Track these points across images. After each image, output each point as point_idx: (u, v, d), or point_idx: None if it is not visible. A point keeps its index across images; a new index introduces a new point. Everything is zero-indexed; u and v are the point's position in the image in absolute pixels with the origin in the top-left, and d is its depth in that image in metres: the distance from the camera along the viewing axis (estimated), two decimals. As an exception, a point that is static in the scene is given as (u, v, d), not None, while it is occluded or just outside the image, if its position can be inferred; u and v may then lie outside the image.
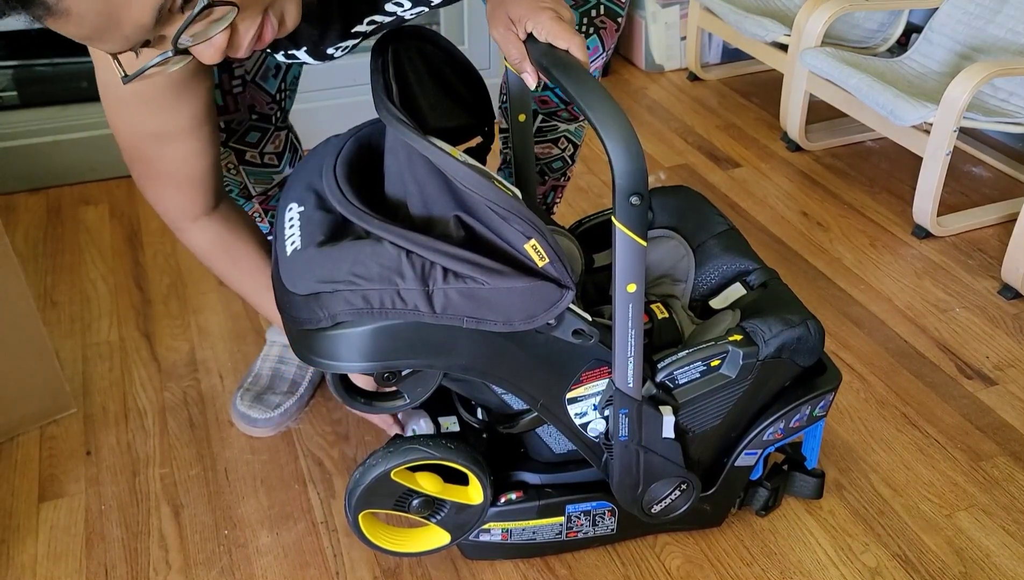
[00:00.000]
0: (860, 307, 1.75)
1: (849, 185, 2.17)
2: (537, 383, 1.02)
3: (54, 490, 1.35)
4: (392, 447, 1.08)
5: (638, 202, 0.85)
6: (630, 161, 0.83)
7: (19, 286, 1.34)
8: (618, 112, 0.84)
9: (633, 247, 0.89)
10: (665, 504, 1.16)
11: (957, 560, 1.25)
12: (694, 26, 2.63)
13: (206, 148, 1.09)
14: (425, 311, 0.90)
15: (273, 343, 1.54)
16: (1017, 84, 1.95)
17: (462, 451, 1.09)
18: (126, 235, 1.94)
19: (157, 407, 1.50)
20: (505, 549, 1.21)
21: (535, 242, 0.89)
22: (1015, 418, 1.49)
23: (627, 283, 0.92)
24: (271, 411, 1.44)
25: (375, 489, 1.08)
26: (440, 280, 0.89)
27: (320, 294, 0.92)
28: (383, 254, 0.90)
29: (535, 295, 0.91)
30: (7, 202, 2.05)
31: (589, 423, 1.08)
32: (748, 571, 1.23)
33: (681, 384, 1.07)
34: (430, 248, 0.89)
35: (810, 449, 1.26)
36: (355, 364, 0.94)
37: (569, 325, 0.96)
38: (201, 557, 1.25)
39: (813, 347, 1.11)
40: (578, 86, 0.87)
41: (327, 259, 0.92)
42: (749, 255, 1.23)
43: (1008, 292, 1.78)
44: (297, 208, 1.01)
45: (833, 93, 2.14)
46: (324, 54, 1.07)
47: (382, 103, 0.98)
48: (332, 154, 1.03)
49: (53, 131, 2.07)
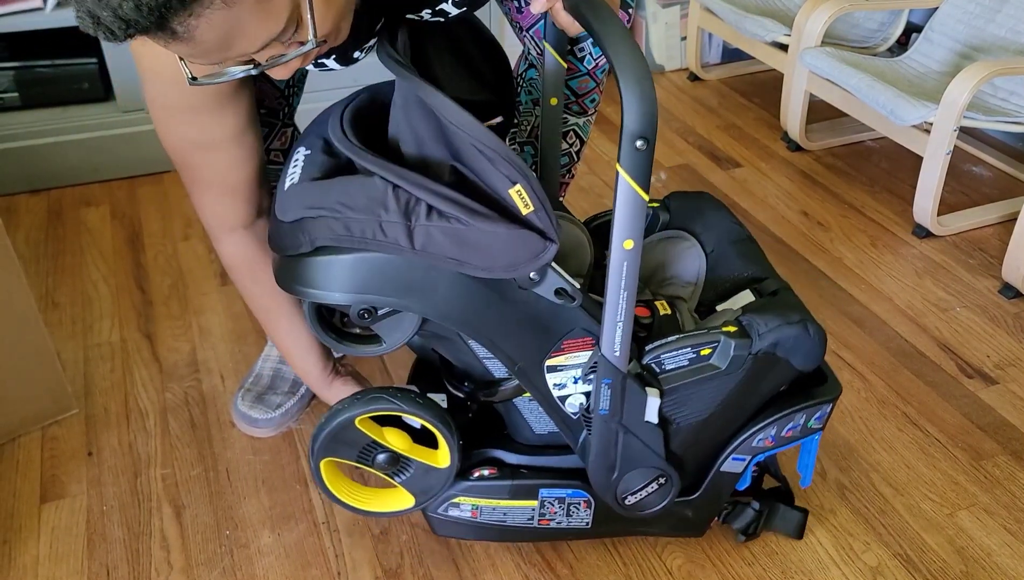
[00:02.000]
0: (861, 307, 1.75)
1: (850, 185, 2.17)
2: (516, 343, 1.00)
3: (56, 491, 1.35)
4: (360, 394, 1.06)
5: (643, 147, 0.83)
6: (641, 102, 0.81)
7: (20, 287, 1.34)
8: (637, 52, 0.82)
9: (634, 197, 0.86)
10: (640, 497, 1.12)
11: (958, 559, 1.25)
12: (694, 26, 2.63)
13: (248, 158, 1.10)
14: (405, 246, 0.90)
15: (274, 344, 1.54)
16: (1017, 83, 1.95)
17: (431, 408, 1.07)
18: (127, 236, 1.94)
19: (158, 408, 1.50)
20: (475, 529, 1.18)
21: (520, 188, 0.88)
22: (1016, 417, 1.49)
23: (624, 238, 0.89)
24: (272, 411, 1.44)
25: (338, 437, 1.06)
26: (423, 216, 0.89)
27: (304, 219, 0.92)
28: (371, 186, 0.90)
29: (518, 243, 0.89)
30: (8, 203, 2.05)
31: (568, 397, 1.05)
32: (749, 571, 1.23)
33: (668, 370, 1.03)
34: (417, 184, 0.88)
35: (804, 466, 1.22)
36: (332, 293, 0.93)
37: (552, 282, 0.94)
38: (203, 557, 1.25)
39: (811, 350, 1.07)
40: (601, 22, 0.86)
41: (317, 188, 0.92)
42: (763, 265, 1.20)
43: (1009, 291, 1.78)
44: (304, 152, 1.01)
45: (833, 93, 2.14)
46: (351, 58, 1.08)
47: (383, 46, 0.97)
48: (343, 105, 1.04)
49: (54, 132, 2.07)
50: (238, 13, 0.73)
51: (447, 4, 1.02)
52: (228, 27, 0.73)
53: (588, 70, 1.27)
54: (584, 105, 1.36)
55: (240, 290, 1.26)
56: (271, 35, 0.77)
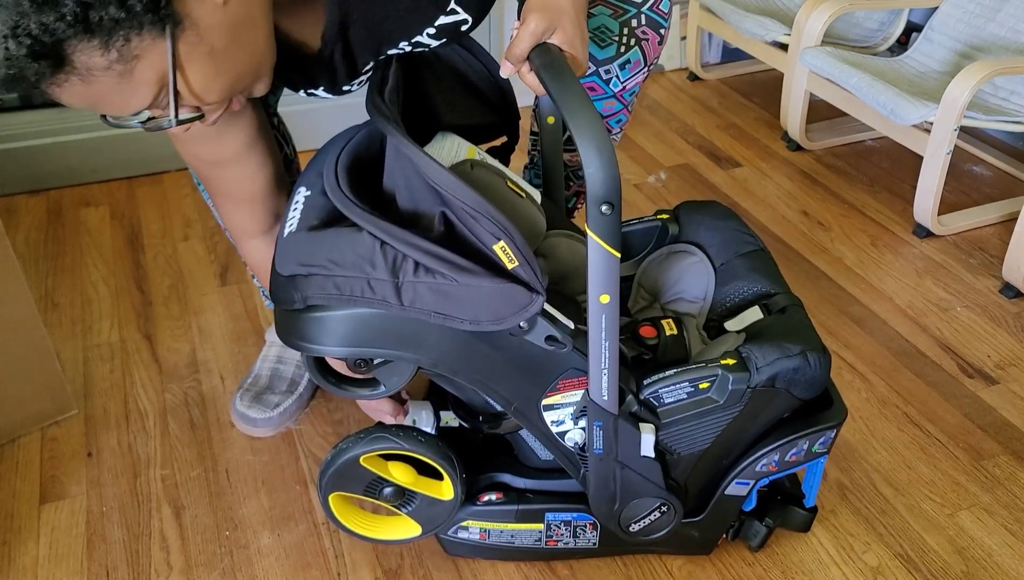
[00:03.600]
0: (861, 306, 1.75)
1: (850, 184, 2.17)
2: (510, 386, 1.01)
3: (55, 492, 1.35)
4: (364, 434, 1.08)
5: (609, 211, 0.83)
6: (602, 168, 0.81)
7: (20, 288, 1.34)
8: (594, 117, 0.82)
9: (605, 257, 0.87)
10: (644, 524, 1.13)
11: (959, 559, 1.25)
12: (694, 26, 2.63)
13: (255, 173, 1.12)
14: (393, 303, 0.91)
15: (272, 343, 1.54)
16: (1018, 83, 1.95)
17: (432, 446, 1.09)
18: (127, 237, 1.94)
19: (158, 408, 1.50)
20: (484, 550, 1.20)
21: (503, 244, 0.88)
22: (1017, 417, 1.49)
23: (600, 294, 0.90)
24: (270, 411, 1.44)
25: (344, 473, 1.08)
26: (411, 273, 0.90)
27: (296, 276, 0.94)
28: (359, 242, 0.90)
29: (504, 297, 0.90)
30: (8, 204, 2.05)
31: (567, 432, 1.05)
32: (750, 571, 1.23)
33: (667, 403, 1.04)
34: (403, 241, 0.89)
35: (809, 487, 1.21)
36: (326, 348, 0.95)
37: (542, 330, 0.95)
38: (202, 558, 1.25)
39: (812, 379, 1.05)
40: (560, 88, 0.86)
41: (310, 242, 0.93)
42: (774, 278, 1.18)
43: (1009, 291, 1.78)
44: (304, 192, 1.01)
45: (833, 92, 2.14)
46: (341, 90, 1.10)
47: (370, 96, 0.98)
48: (343, 141, 1.04)
49: (54, 133, 2.07)
50: (98, 89, 0.77)
51: (423, 37, 1.02)
52: (91, 98, 0.78)
53: (615, 92, 1.25)
54: (608, 126, 1.33)
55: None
56: (141, 105, 0.81)
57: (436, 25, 1.01)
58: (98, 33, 0.73)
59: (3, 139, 2.03)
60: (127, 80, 0.78)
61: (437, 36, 1.03)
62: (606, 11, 1.18)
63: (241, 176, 1.12)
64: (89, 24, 0.72)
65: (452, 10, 1.00)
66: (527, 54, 0.94)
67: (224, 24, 0.82)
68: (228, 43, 0.84)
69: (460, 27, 1.02)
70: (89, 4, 0.71)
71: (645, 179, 2.19)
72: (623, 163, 2.25)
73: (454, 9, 1.00)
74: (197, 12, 0.79)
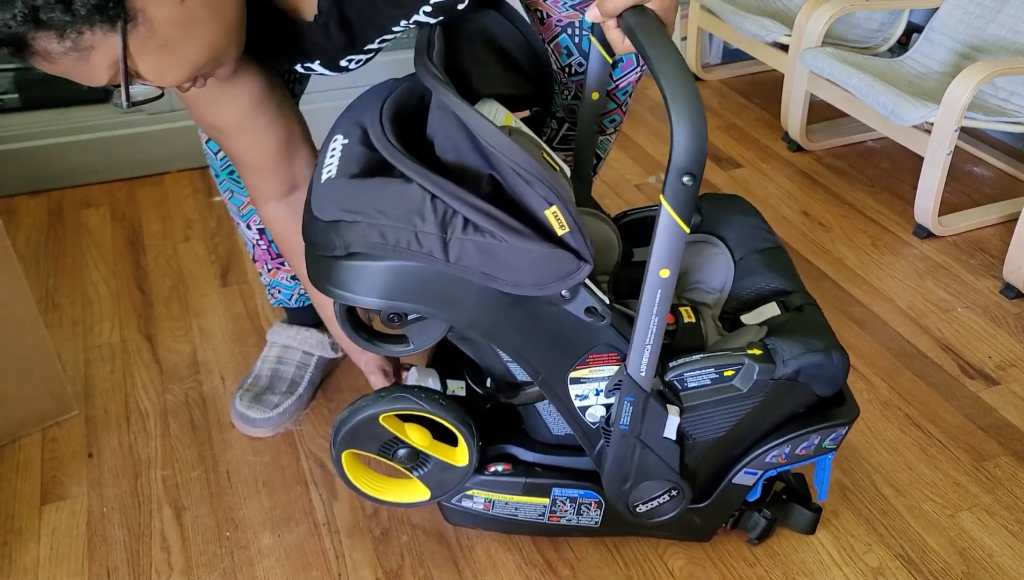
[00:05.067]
0: (862, 307, 1.75)
1: (850, 185, 2.17)
2: (541, 356, 1.00)
3: (56, 492, 1.35)
4: (385, 393, 1.08)
5: (690, 183, 0.82)
6: (692, 138, 0.80)
7: (21, 289, 1.34)
8: (690, 85, 0.81)
9: (675, 230, 0.86)
10: (651, 506, 1.13)
11: (960, 560, 1.25)
12: (695, 26, 2.63)
13: (262, 138, 1.13)
14: (439, 258, 0.90)
15: (273, 344, 1.54)
16: (1018, 84, 1.95)
17: (453, 410, 1.08)
18: (127, 237, 1.94)
19: (159, 409, 1.50)
20: (486, 520, 1.19)
21: (556, 209, 0.88)
22: (1017, 418, 1.49)
23: (661, 267, 0.89)
24: (270, 411, 1.44)
25: (361, 430, 1.08)
26: (459, 229, 0.89)
27: (340, 222, 0.92)
28: (409, 194, 0.89)
29: (552, 262, 0.89)
30: (8, 205, 2.05)
31: (588, 407, 1.06)
32: (751, 571, 1.23)
33: (690, 388, 1.05)
34: (456, 196, 0.88)
35: (820, 482, 1.21)
36: (363, 298, 0.93)
37: (583, 301, 0.94)
38: (203, 559, 1.25)
39: (833, 377, 1.06)
40: (656, 51, 0.85)
41: (354, 189, 0.92)
42: (790, 276, 1.19)
43: (1010, 292, 1.78)
44: (342, 140, 1.00)
45: (834, 93, 2.14)
46: (339, 67, 1.09)
47: (419, 58, 0.97)
48: (384, 93, 1.03)
49: (54, 133, 2.07)
50: (61, 67, 0.83)
51: (420, 15, 1.02)
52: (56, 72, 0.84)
53: (608, 91, 1.25)
54: (603, 125, 1.34)
55: (283, 255, 1.28)
56: (101, 83, 0.85)
57: (432, 3, 1.01)
58: (50, 27, 0.78)
59: (4, 140, 2.04)
60: (83, 64, 0.82)
61: (434, 14, 1.03)
62: None
63: (247, 143, 1.13)
64: (40, 22, 0.77)
65: None
66: (621, 11, 0.93)
67: (180, 19, 0.84)
68: (183, 35, 0.85)
69: (456, 5, 1.02)
70: (37, 7, 0.76)
71: (646, 179, 2.19)
72: (624, 164, 2.26)
73: None
74: (151, 8, 0.81)
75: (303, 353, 1.52)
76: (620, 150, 2.31)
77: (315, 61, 1.07)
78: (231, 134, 1.12)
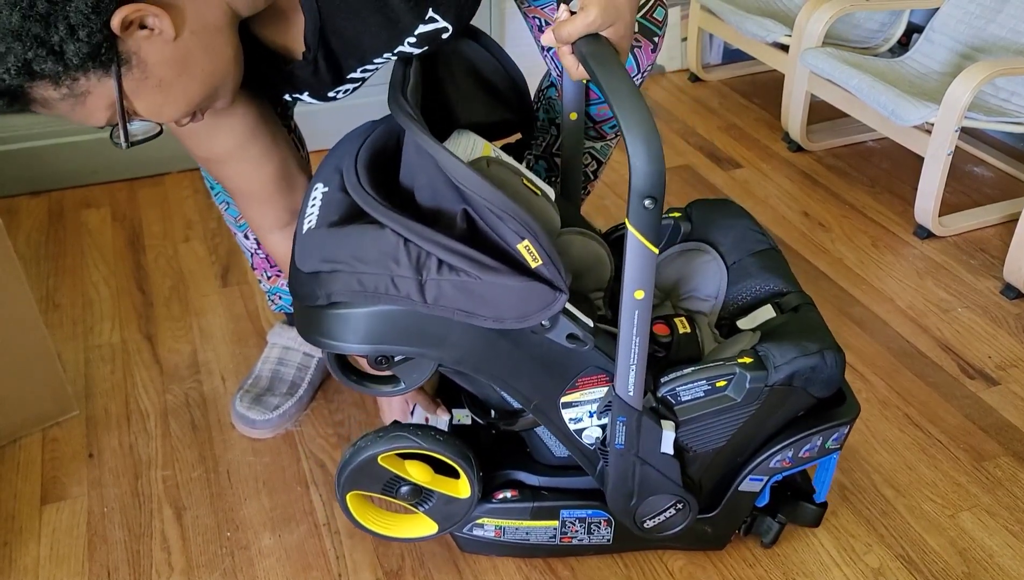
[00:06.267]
0: (862, 307, 1.75)
1: (850, 185, 2.17)
2: (531, 384, 1.01)
3: (56, 492, 1.35)
4: (382, 432, 1.08)
5: (652, 206, 0.84)
6: (649, 162, 0.82)
7: (21, 289, 1.34)
8: (644, 111, 0.83)
9: (644, 253, 0.88)
10: (659, 520, 1.14)
11: (960, 561, 1.25)
12: (695, 27, 2.63)
13: (255, 169, 1.13)
14: (417, 300, 0.91)
15: (274, 345, 1.54)
16: (1018, 84, 1.95)
17: (450, 444, 1.09)
18: (128, 238, 1.94)
19: (159, 409, 1.50)
20: (499, 547, 1.21)
21: (528, 243, 0.89)
22: (1018, 418, 1.49)
23: (635, 289, 0.91)
24: (269, 413, 1.44)
25: (362, 472, 1.09)
26: (434, 271, 0.90)
27: (320, 273, 0.94)
28: (383, 240, 0.91)
29: (528, 295, 0.90)
30: (9, 205, 2.05)
31: (584, 430, 1.06)
32: (751, 572, 1.23)
33: (684, 401, 1.04)
34: (427, 238, 0.89)
35: (821, 482, 1.21)
36: (348, 345, 0.95)
37: (563, 329, 0.95)
38: (203, 559, 1.25)
39: (829, 378, 1.06)
40: (609, 78, 0.86)
41: (332, 239, 0.93)
42: (785, 277, 1.19)
43: (1010, 292, 1.78)
44: (322, 188, 1.01)
45: (834, 93, 2.14)
46: (326, 97, 1.10)
47: (393, 93, 0.98)
48: (362, 137, 1.04)
49: (55, 134, 2.07)
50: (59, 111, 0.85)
51: (405, 46, 1.03)
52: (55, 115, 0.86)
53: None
54: (602, 131, 1.34)
55: None
56: (99, 124, 0.88)
57: (416, 34, 1.01)
58: (44, 77, 0.79)
59: (5, 140, 2.04)
60: (81, 107, 0.84)
61: (418, 44, 1.04)
62: None
63: (241, 172, 1.13)
64: (34, 73, 0.78)
65: (431, 18, 1.00)
66: (575, 39, 0.94)
67: (173, 58, 0.85)
68: (178, 75, 0.87)
69: (441, 35, 1.03)
70: (29, 60, 0.77)
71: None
72: (624, 164, 2.26)
73: (433, 17, 1.00)
74: (145, 50, 0.83)
75: (304, 354, 1.52)
76: (620, 151, 2.31)
77: (304, 93, 1.09)
78: (227, 162, 1.12)
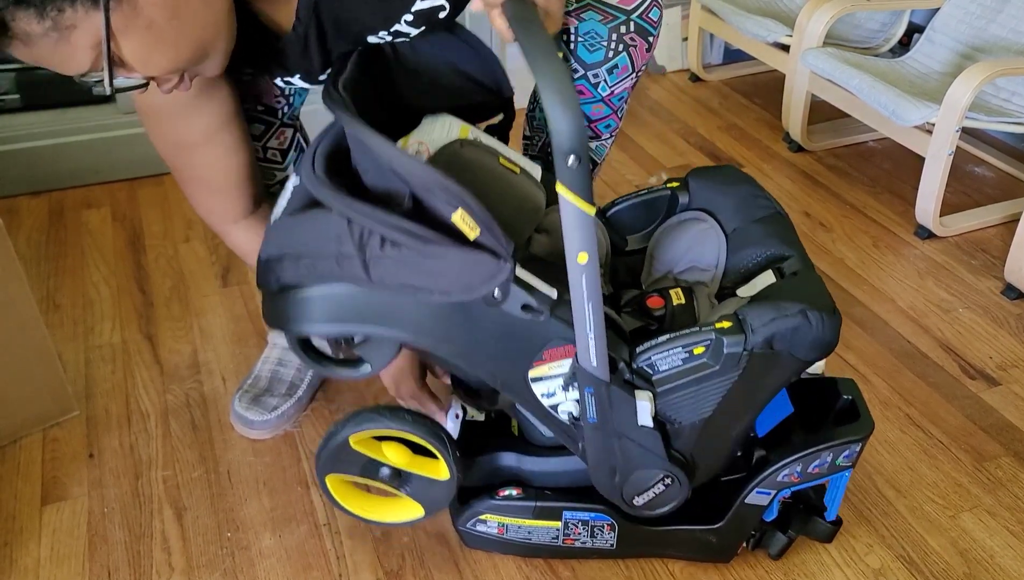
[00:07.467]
0: (863, 307, 1.75)
1: (851, 185, 2.17)
2: (493, 359, 0.99)
3: (57, 493, 1.35)
4: (352, 415, 1.08)
5: (576, 164, 0.80)
6: (566, 120, 0.78)
7: (21, 289, 1.34)
8: (560, 70, 0.79)
9: (578, 213, 0.83)
10: (648, 497, 1.09)
11: (961, 561, 1.25)
12: (695, 27, 2.63)
13: (225, 156, 1.13)
14: (363, 278, 0.91)
15: (274, 345, 1.54)
16: (1019, 84, 1.95)
17: (420, 425, 1.08)
18: (128, 238, 1.94)
19: (159, 409, 1.50)
20: (502, 544, 1.20)
21: (462, 212, 0.87)
22: (1019, 419, 1.49)
23: (577, 252, 0.86)
24: (268, 413, 1.44)
25: (337, 455, 1.09)
26: (377, 248, 0.90)
27: (270, 259, 0.95)
28: (329, 222, 0.91)
29: (470, 265, 0.89)
30: (9, 205, 2.05)
31: (559, 404, 1.02)
32: (752, 573, 1.23)
33: (661, 371, 1.00)
34: (368, 216, 0.89)
35: (831, 499, 1.18)
36: (304, 326, 0.96)
37: (516, 299, 0.92)
38: (204, 559, 1.25)
39: (815, 340, 0.99)
40: (526, 37, 0.84)
41: (286, 226, 0.95)
42: (789, 242, 1.13)
43: (1011, 292, 1.78)
44: (294, 180, 1.02)
45: (835, 93, 2.14)
46: (318, 80, 1.11)
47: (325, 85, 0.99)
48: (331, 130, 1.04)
49: (55, 134, 2.07)
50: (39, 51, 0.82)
51: (402, 24, 1.03)
52: (33, 58, 0.83)
53: (603, 97, 1.25)
54: (597, 130, 1.33)
55: None
56: (81, 69, 0.84)
57: (413, 11, 1.01)
58: (30, 5, 0.77)
59: (5, 140, 2.04)
60: (64, 45, 0.81)
61: (415, 23, 1.03)
62: (596, 16, 1.19)
63: (211, 160, 1.13)
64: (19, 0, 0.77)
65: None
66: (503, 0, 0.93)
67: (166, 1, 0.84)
68: (169, 18, 0.85)
69: (438, 13, 1.03)
70: None
71: (647, 180, 2.18)
72: (624, 164, 2.25)
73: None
74: None
75: (304, 354, 1.52)
76: (620, 150, 2.31)
77: (295, 75, 1.08)
78: (201, 147, 1.11)
